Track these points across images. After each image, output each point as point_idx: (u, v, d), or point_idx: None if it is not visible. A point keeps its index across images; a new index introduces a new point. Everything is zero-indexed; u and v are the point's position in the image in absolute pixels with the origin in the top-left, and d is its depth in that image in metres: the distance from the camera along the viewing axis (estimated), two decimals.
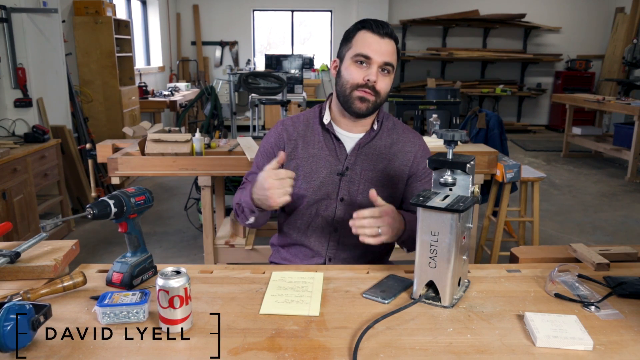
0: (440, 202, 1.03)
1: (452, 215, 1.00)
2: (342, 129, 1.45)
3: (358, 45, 1.35)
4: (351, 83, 1.36)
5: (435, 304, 1.06)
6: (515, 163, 2.78)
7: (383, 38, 1.34)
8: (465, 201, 1.03)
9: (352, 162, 1.43)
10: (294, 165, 1.44)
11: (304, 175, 1.43)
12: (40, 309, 0.91)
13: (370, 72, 1.34)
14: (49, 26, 3.90)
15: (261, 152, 1.51)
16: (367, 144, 1.44)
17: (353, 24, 1.41)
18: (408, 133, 1.50)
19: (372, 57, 1.33)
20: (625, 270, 1.23)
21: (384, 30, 1.34)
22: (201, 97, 4.48)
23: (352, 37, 1.38)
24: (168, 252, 3.45)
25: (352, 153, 1.43)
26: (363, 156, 1.44)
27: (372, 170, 1.43)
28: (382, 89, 1.36)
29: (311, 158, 1.44)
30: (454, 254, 1.02)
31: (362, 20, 1.38)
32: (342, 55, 1.41)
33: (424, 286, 1.08)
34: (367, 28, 1.35)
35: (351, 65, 1.36)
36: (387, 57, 1.34)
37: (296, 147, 1.46)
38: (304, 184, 1.43)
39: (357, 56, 1.34)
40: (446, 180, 1.09)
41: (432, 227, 1.03)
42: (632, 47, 6.33)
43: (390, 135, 1.47)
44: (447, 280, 1.04)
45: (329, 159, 1.43)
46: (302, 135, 1.47)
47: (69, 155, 4.02)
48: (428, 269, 1.05)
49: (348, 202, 1.43)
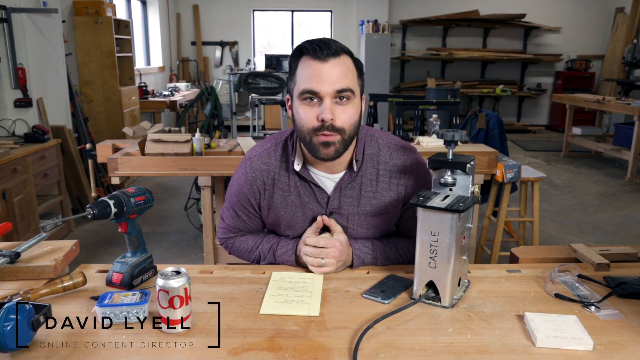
0: (440, 202, 1.03)
1: (452, 215, 1.00)
2: (318, 171, 1.26)
3: (301, 80, 1.14)
4: (306, 127, 1.15)
5: (436, 304, 1.06)
6: (515, 163, 2.78)
7: (326, 62, 1.12)
8: (465, 201, 1.03)
9: (335, 206, 1.27)
10: (273, 216, 1.31)
11: (285, 224, 1.31)
12: (40, 309, 0.91)
13: (322, 108, 1.12)
14: (49, 26, 3.90)
15: (236, 201, 1.34)
16: (349, 184, 1.26)
17: (294, 50, 1.19)
18: (397, 156, 1.28)
19: (320, 90, 1.11)
20: (625, 270, 1.23)
21: (325, 51, 1.11)
22: (201, 97, 4.49)
23: (294, 68, 1.17)
24: (168, 252, 3.45)
25: (334, 196, 1.27)
26: (347, 198, 1.27)
27: (359, 213, 1.27)
28: (345, 122, 1.14)
29: (290, 206, 1.29)
30: (454, 254, 1.02)
31: (301, 45, 1.16)
32: (292, 93, 1.19)
33: (424, 286, 1.08)
34: (306, 54, 1.14)
35: (300, 105, 1.15)
36: (338, 83, 1.12)
37: (272, 196, 1.29)
38: (288, 232, 1.33)
39: (302, 94, 1.14)
40: (446, 180, 1.08)
41: (432, 227, 1.03)
42: (632, 47, 6.33)
43: (375, 167, 1.27)
44: (447, 281, 1.04)
45: (310, 206, 1.28)
46: (276, 182, 1.29)
47: (69, 155, 4.02)
48: (428, 269, 1.05)
49: None
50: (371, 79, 7.77)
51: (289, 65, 1.20)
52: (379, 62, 7.70)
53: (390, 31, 7.86)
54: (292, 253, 1.27)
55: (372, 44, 7.70)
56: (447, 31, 8.56)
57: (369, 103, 4.62)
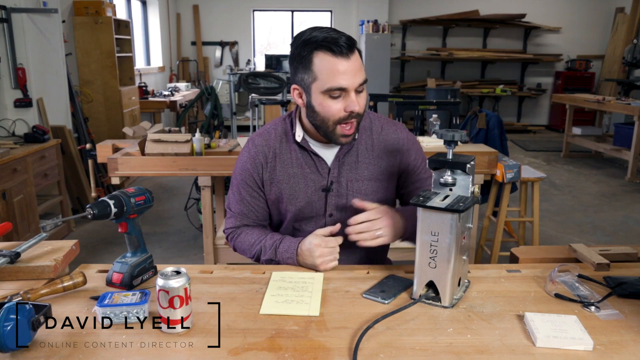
0: (440, 202, 1.03)
1: (452, 216, 1.00)
2: (318, 143, 1.34)
3: (325, 77, 1.16)
4: (333, 120, 1.20)
5: (436, 304, 1.06)
6: (515, 163, 2.78)
7: (348, 58, 1.14)
8: (466, 201, 1.03)
9: (335, 175, 1.33)
10: (275, 190, 1.36)
11: (287, 197, 1.35)
12: (40, 309, 0.91)
13: (349, 102, 1.18)
14: (49, 26, 3.90)
15: (240, 180, 1.38)
16: (347, 153, 1.34)
17: (302, 42, 1.18)
18: (387, 128, 1.37)
19: (348, 87, 1.16)
20: (625, 270, 1.23)
21: (346, 45, 1.13)
22: (201, 97, 4.49)
23: (310, 62, 1.17)
24: (168, 252, 3.45)
25: (334, 165, 1.33)
26: (346, 166, 1.33)
27: (359, 180, 1.34)
28: (363, 107, 1.22)
29: (292, 178, 1.34)
30: (454, 254, 1.02)
31: (314, 39, 1.15)
32: (306, 86, 1.21)
33: (424, 286, 1.08)
34: (325, 49, 1.14)
35: (324, 100, 1.18)
36: (359, 77, 1.16)
37: (274, 169, 1.35)
38: (290, 206, 1.36)
39: (331, 90, 1.16)
40: (446, 180, 1.08)
41: (432, 227, 1.03)
42: (632, 47, 6.33)
43: (370, 137, 1.36)
44: (447, 281, 1.04)
45: (311, 176, 1.33)
46: (277, 155, 1.35)
47: (69, 156, 4.02)
48: (428, 269, 1.05)
49: (337, 217, 1.36)
50: (371, 79, 7.76)
51: (298, 56, 1.19)
52: (379, 62, 7.70)
53: (390, 31, 7.86)
54: (293, 250, 1.27)
55: (372, 44, 7.71)
56: (447, 31, 8.56)
57: (369, 103, 4.62)
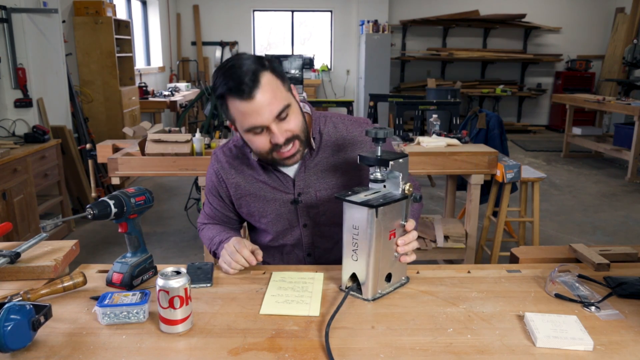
0: (363, 197, 1.05)
1: (368, 210, 1.02)
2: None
3: (240, 119, 1.16)
4: (264, 151, 1.20)
5: (359, 296, 1.09)
6: (515, 163, 2.78)
7: (253, 98, 1.11)
8: (388, 198, 1.05)
9: (302, 187, 1.31)
10: (245, 203, 1.36)
11: (258, 211, 1.35)
12: (40, 309, 0.91)
13: (272, 135, 1.16)
14: (49, 26, 3.90)
15: (208, 189, 1.42)
16: (312, 163, 1.31)
17: (212, 84, 1.18)
18: (353, 129, 1.33)
19: (262, 124, 1.15)
20: (625, 270, 1.23)
21: (250, 84, 1.11)
22: (201, 98, 4.49)
23: (227, 107, 1.17)
24: (168, 252, 3.45)
25: (299, 178, 1.31)
26: (312, 176, 1.31)
27: (327, 188, 1.32)
28: (293, 129, 1.18)
29: (258, 192, 1.34)
30: (374, 250, 1.04)
31: (222, 87, 1.14)
32: (232, 122, 1.21)
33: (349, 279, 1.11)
34: (232, 95, 1.13)
35: (250, 137, 1.19)
36: (274, 109, 1.13)
37: (238, 185, 1.35)
38: (262, 219, 1.36)
39: (249, 131, 1.17)
40: (376, 177, 1.11)
41: (353, 221, 1.06)
42: (632, 48, 6.33)
43: (335, 142, 1.32)
44: (368, 274, 1.06)
45: (277, 190, 1.32)
46: (239, 171, 1.35)
47: (69, 156, 4.02)
48: (351, 262, 1.09)
49: (311, 226, 1.35)
50: (371, 79, 7.78)
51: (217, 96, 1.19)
52: (379, 62, 7.71)
53: (390, 31, 7.86)
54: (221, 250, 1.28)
55: (372, 44, 7.70)
56: (447, 31, 8.56)
57: (369, 103, 4.61)
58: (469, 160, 2.71)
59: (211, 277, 1.17)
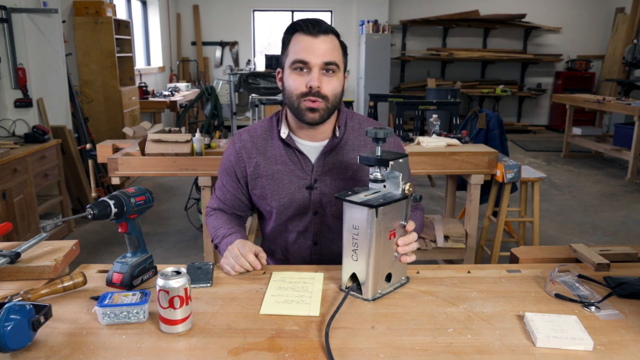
0: (363, 197, 1.05)
1: (368, 210, 1.02)
2: (302, 140, 1.37)
3: (293, 52, 1.26)
4: (295, 93, 1.26)
5: (359, 296, 1.09)
6: (515, 163, 2.78)
7: (317, 37, 1.24)
8: (388, 198, 1.05)
9: (319, 174, 1.35)
10: (260, 184, 1.39)
11: (271, 194, 1.37)
12: (40, 309, 0.91)
13: (311, 77, 1.24)
14: (49, 26, 3.90)
15: (223, 169, 1.44)
16: (332, 152, 1.36)
17: (287, 27, 1.30)
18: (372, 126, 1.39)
19: (310, 61, 1.23)
20: (625, 270, 1.23)
21: (317, 28, 1.24)
22: (201, 98, 4.49)
23: (287, 42, 1.28)
24: (168, 252, 3.45)
25: (318, 164, 1.35)
26: (330, 165, 1.36)
27: (343, 179, 1.36)
28: (330, 91, 1.26)
29: (276, 175, 1.37)
30: (374, 249, 1.04)
31: (294, 23, 1.28)
32: (283, 65, 1.31)
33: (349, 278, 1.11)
34: (299, 30, 1.25)
35: (291, 74, 1.27)
36: (326, 56, 1.24)
37: (258, 165, 1.38)
38: (274, 202, 1.38)
39: (294, 63, 1.25)
40: (375, 176, 1.11)
41: (353, 221, 1.06)
42: (632, 48, 6.33)
43: (357, 138, 1.38)
44: (368, 274, 1.06)
45: (295, 174, 1.36)
46: (262, 151, 1.38)
47: (69, 156, 4.02)
48: (351, 262, 1.09)
49: (322, 214, 1.38)
50: (371, 79, 7.78)
51: (282, 41, 1.31)
52: (379, 62, 7.71)
53: (390, 31, 7.86)
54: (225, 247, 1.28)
55: (372, 44, 7.71)
56: (447, 31, 8.56)
57: (369, 103, 4.62)
58: (469, 160, 2.71)
59: (211, 277, 1.18)
